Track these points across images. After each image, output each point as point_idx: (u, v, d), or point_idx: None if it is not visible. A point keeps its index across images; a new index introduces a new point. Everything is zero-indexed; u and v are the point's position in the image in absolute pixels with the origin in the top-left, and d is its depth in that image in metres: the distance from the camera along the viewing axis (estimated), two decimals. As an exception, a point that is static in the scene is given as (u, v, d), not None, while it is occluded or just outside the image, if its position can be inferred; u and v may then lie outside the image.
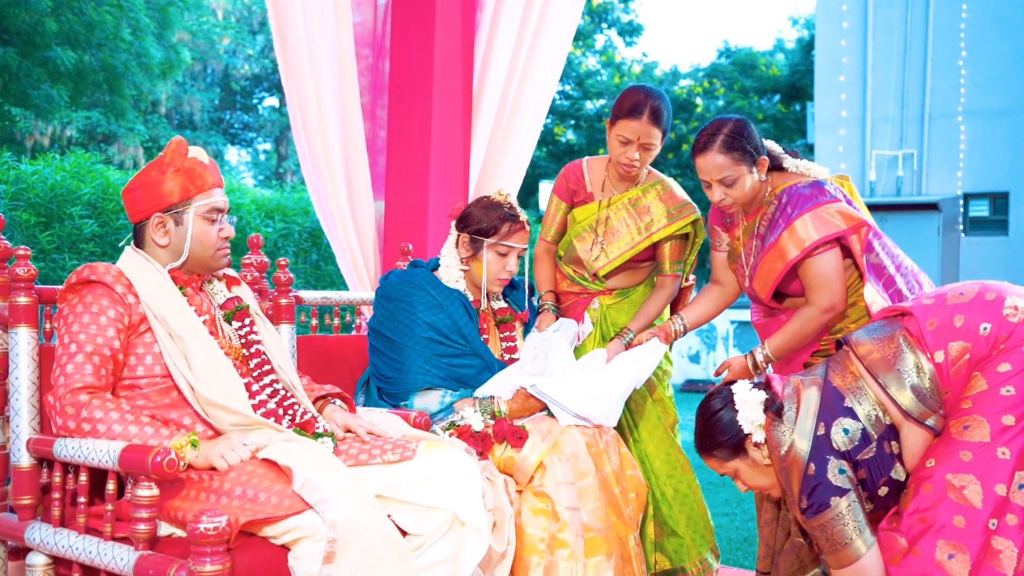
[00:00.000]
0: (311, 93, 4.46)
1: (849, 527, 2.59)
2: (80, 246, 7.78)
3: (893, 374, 2.66)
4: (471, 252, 3.56)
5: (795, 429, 2.68)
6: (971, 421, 2.58)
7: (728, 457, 2.84)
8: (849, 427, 2.65)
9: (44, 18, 12.45)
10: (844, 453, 2.64)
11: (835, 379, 2.74)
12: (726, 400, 2.82)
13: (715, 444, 2.83)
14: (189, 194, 2.79)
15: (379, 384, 3.50)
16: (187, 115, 24.33)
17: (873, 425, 2.66)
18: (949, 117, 17.10)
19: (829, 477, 2.60)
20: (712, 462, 2.88)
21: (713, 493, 6.25)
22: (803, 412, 2.69)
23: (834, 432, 2.65)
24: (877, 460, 2.66)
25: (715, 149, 3.17)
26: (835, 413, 2.67)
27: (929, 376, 2.64)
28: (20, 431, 2.74)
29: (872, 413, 2.67)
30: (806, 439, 2.65)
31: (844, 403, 2.68)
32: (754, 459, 2.81)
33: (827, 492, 2.60)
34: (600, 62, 27.30)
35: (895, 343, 2.69)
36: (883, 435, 2.66)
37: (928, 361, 2.64)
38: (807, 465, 2.63)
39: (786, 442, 2.68)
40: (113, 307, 2.67)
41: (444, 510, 2.65)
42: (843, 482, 2.61)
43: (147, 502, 2.38)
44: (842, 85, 17.79)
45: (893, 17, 17.25)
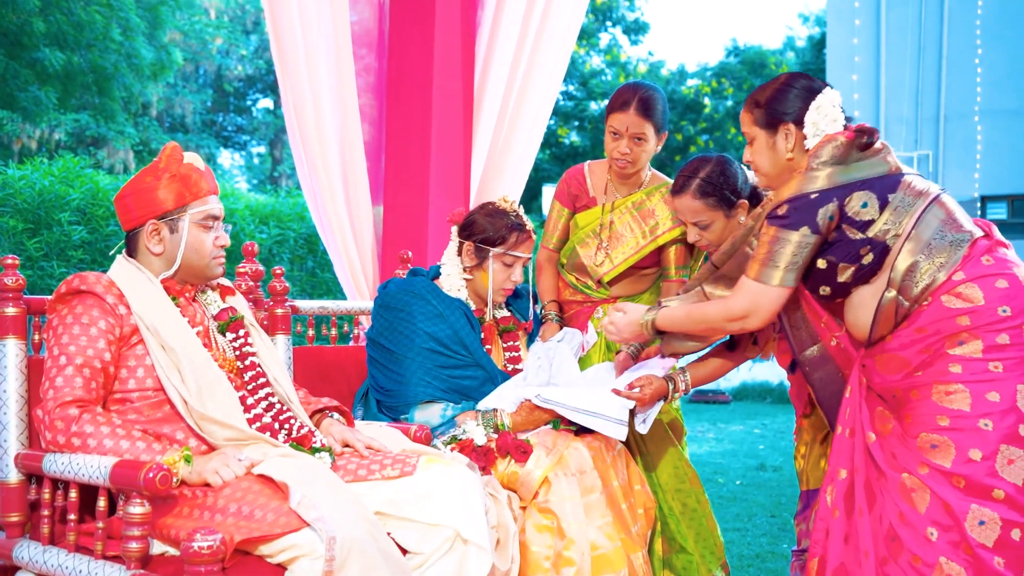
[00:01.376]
0: (308, 94, 4.41)
1: (788, 255, 2.64)
2: (69, 253, 7.73)
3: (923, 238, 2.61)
4: (476, 261, 3.50)
5: (839, 168, 2.66)
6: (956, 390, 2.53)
7: (760, 122, 2.83)
8: (870, 203, 2.63)
9: (32, 18, 12.40)
10: (843, 210, 2.63)
11: (905, 181, 2.68)
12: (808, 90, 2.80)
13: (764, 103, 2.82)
14: (184, 201, 2.75)
15: (378, 397, 3.45)
16: (179, 117, 24.29)
17: (880, 231, 2.63)
18: (965, 117, 17.05)
19: (819, 212, 2.61)
20: (746, 116, 2.87)
21: (723, 508, 6.19)
22: (862, 164, 2.67)
23: (857, 195, 2.63)
24: (849, 246, 2.65)
25: (689, 193, 3.25)
26: (875, 189, 2.64)
27: (932, 276, 2.59)
28: (8, 446, 2.71)
29: (889, 225, 2.63)
30: (838, 180, 2.64)
31: (890, 195, 2.64)
32: (776, 142, 2.80)
33: (808, 217, 2.62)
34: (605, 61, 27.29)
35: (957, 231, 2.63)
36: (872, 241, 2.63)
37: (947, 273, 2.58)
38: (814, 191, 2.63)
39: (821, 163, 2.67)
40: (104, 318, 2.63)
41: (446, 527, 2.62)
42: (822, 225, 2.61)
43: (139, 519, 2.34)
44: (855, 84, 17.73)
45: (907, 14, 17.19)
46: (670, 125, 4.46)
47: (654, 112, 3.61)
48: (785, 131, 2.77)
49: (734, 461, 8.07)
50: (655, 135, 3.64)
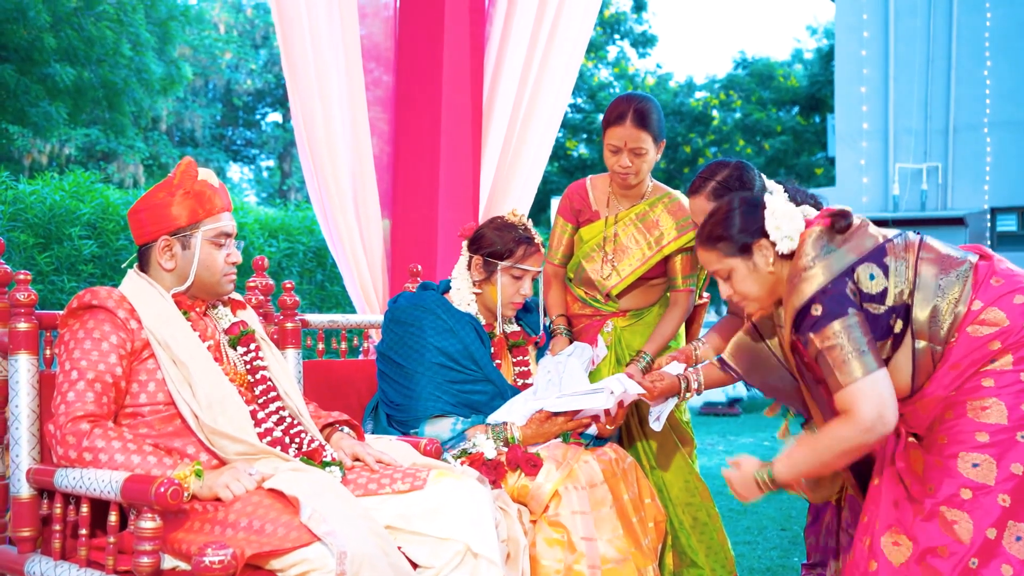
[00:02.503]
0: (318, 108, 4.41)
1: (857, 342, 2.50)
2: (79, 267, 7.74)
3: (930, 285, 2.59)
4: (484, 275, 3.50)
5: (832, 256, 2.60)
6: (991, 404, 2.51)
7: (731, 254, 2.74)
8: (876, 275, 2.58)
9: (43, 34, 12.44)
10: (858, 289, 2.57)
11: (889, 245, 2.65)
12: (750, 203, 2.75)
13: (724, 237, 2.74)
14: (197, 218, 2.76)
15: (388, 411, 3.44)
16: (188, 132, 24.36)
17: (896, 295, 2.58)
18: (975, 129, 16.99)
19: (846, 293, 2.53)
20: (711, 255, 2.78)
21: (734, 521, 6.16)
22: (849, 246, 2.62)
23: (862, 269, 2.58)
24: (878, 321, 2.58)
25: (704, 195, 3.24)
26: (872, 259, 2.60)
27: (954, 312, 2.56)
28: (20, 461, 2.70)
29: (900, 287, 2.59)
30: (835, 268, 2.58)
31: (884, 259, 2.60)
32: (756, 263, 2.72)
33: (845, 302, 2.52)
34: (613, 74, 27.27)
35: (956, 267, 2.61)
36: (896, 308, 2.58)
37: (966, 304, 2.56)
38: (825, 283, 2.56)
39: (813, 258, 2.60)
40: (115, 333, 2.63)
41: (456, 541, 2.61)
42: (856, 300, 2.54)
43: (150, 534, 2.34)
44: (863, 96, 17.69)
45: (915, 26, 17.15)
46: (678, 137, 4.45)
47: (650, 123, 3.59)
48: (758, 248, 2.71)
49: (744, 474, 8.04)
50: (654, 145, 3.63)
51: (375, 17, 4.86)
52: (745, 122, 25.89)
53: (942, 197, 17.20)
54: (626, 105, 3.59)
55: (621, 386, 3.25)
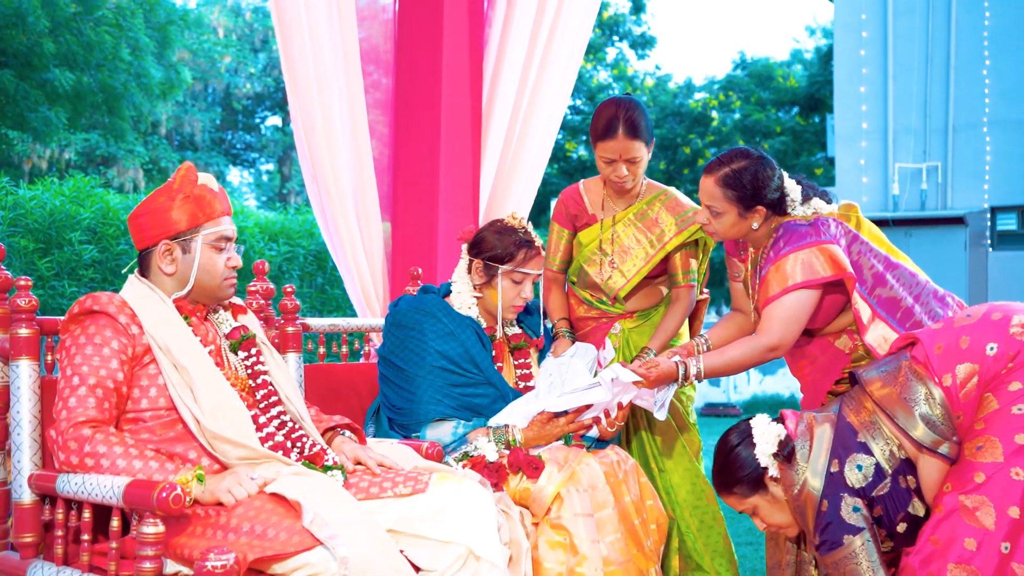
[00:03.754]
0: (317, 111, 4.41)
1: (863, 566, 2.57)
2: (80, 272, 7.75)
3: (902, 405, 2.64)
4: (485, 279, 3.50)
5: (808, 467, 2.67)
6: (984, 442, 2.56)
7: (747, 494, 2.82)
8: (863, 463, 2.64)
9: (42, 39, 12.45)
10: (858, 490, 2.63)
11: (849, 415, 2.73)
12: (744, 435, 2.81)
13: (734, 481, 2.82)
14: (197, 222, 2.76)
15: (390, 415, 3.44)
16: (188, 136, 24.37)
17: (888, 460, 2.64)
18: (974, 128, 16.97)
19: (842, 515, 2.59)
20: (731, 499, 2.86)
21: (736, 522, 6.14)
22: (816, 449, 2.68)
23: (847, 469, 2.64)
24: (893, 496, 2.64)
25: (714, 177, 3.17)
26: (849, 449, 2.66)
27: (939, 403, 2.61)
28: (22, 466, 2.70)
29: (887, 448, 2.65)
30: (819, 476, 2.65)
31: (858, 439, 2.66)
32: (774, 495, 2.79)
33: (840, 530, 2.59)
34: (612, 76, 27.27)
35: (902, 374, 2.67)
36: (898, 469, 2.64)
37: (937, 386, 2.62)
38: (820, 502, 2.63)
39: (799, 480, 2.67)
40: (116, 338, 2.63)
41: (458, 544, 2.61)
42: (857, 520, 2.59)
43: (152, 539, 2.33)
44: (863, 96, 17.67)
45: (914, 25, 17.14)
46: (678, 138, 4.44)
47: (641, 131, 3.55)
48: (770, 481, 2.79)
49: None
50: (646, 149, 3.61)
51: (374, 20, 4.86)
52: (744, 123, 25.88)
53: (942, 196, 17.18)
54: (615, 116, 3.53)
55: (613, 373, 3.23)
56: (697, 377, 3.26)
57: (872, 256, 3.15)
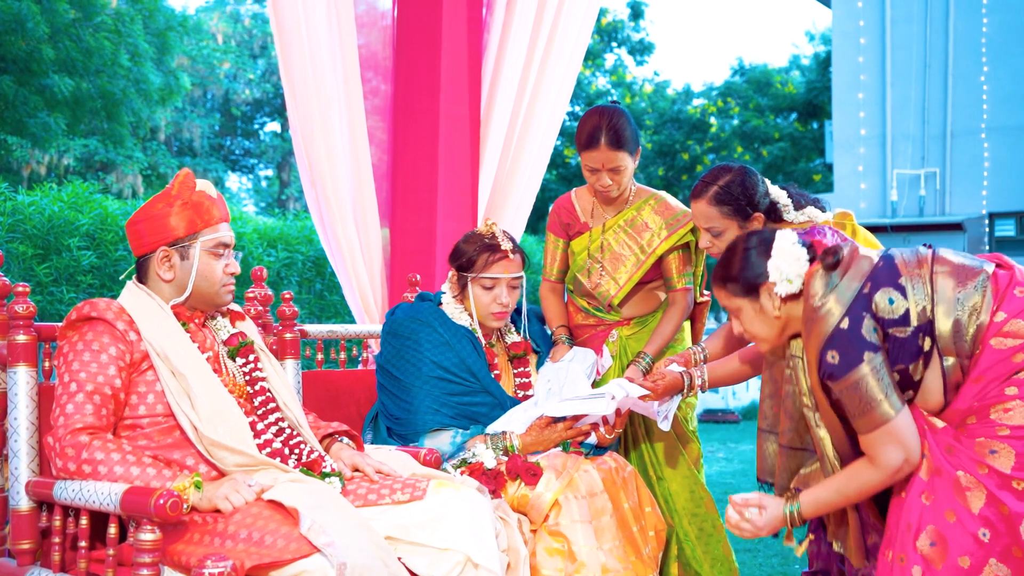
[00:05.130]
0: (316, 117, 4.42)
1: (880, 386, 2.48)
2: (78, 278, 7.74)
3: (948, 301, 2.55)
4: (458, 289, 3.50)
5: (837, 288, 2.57)
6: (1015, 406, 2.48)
7: (738, 293, 2.75)
8: (895, 299, 2.53)
9: (41, 45, 12.45)
10: (879, 318, 2.53)
11: (899, 260, 2.61)
12: (765, 241, 2.73)
13: (733, 277, 2.75)
14: (196, 228, 2.76)
15: (388, 424, 3.44)
16: (187, 141, 24.36)
17: (918, 314, 2.53)
18: (972, 134, 16.99)
19: (863, 332, 2.50)
20: (720, 293, 2.80)
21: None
22: (851, 274, 2.58)
23: (879, 295, 2.54)
24: (906, 344, 2.54)
25: (706, 199, 3.21)
26: (885, 282, 2.56)
27: (977, 324, 2.53)
28: (19, 473, 2.70)
29: (921, 304, 2.54)
30: (845, 299, 2.54)
31: (899, 280, 2.56)
32: (763, 306, 2.72)
33: (861, 346, 2.49)
34: (611, 82, 27.29)
35: (974, 277, 2.57)
36: (922, 327, 2.54)
37: (988, 313, 2.52)
38: (841, 319, 2.52)
39: (822, 296, 2.57)
40: (114, 344, 2.63)
41: (456, 552, 2.61)
42: (875, 340, 2.50)
43: (150, 546, 2.33)
44: (861, 103, 17.69)
45: (912, 32, 17.16)
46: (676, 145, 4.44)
47: (624, 140, 3.55)
48: (766, 291, 2.70)
49: (744, 481, 8.03)
50: (631, 159, 3.60)
51: (373, 27, 4.87)
52: (743, 129, 25.91)
53: (940, 203, 17.20)
54: (598, 126, 3.53)
55: (623, 391, 3.23)
56: (702, 388, 3.27)
57: None
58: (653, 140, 25.80)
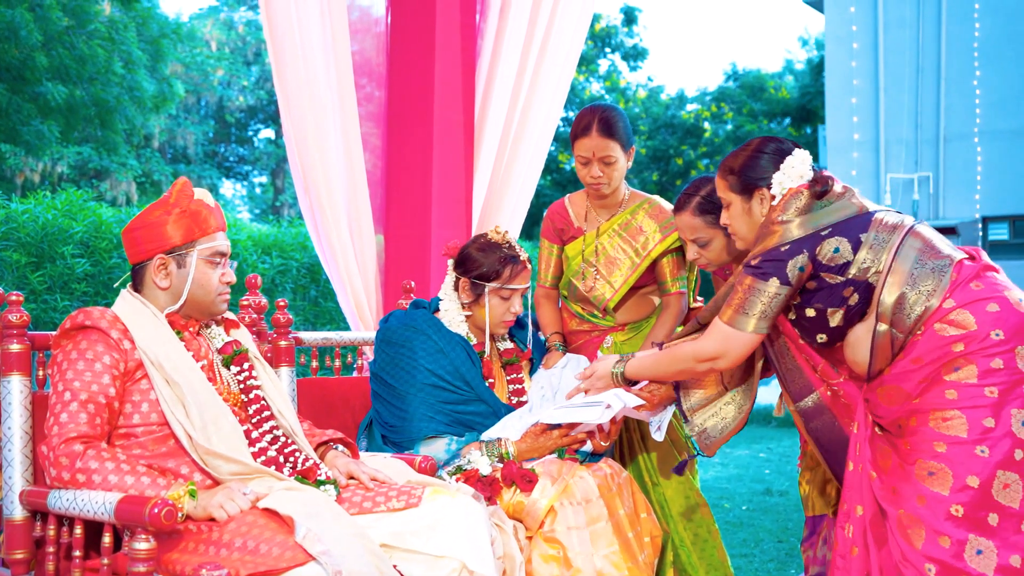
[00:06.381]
0: (310, 124, 4.41)
1: (758, 305, 2.69)
2: (72, 286, 7.74)
3: (908, 275, 2.62)
4: (473, 297, 3.49)
5: (807, 217, 2.70)
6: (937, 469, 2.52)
7: (734, 188, 2.87)
8: (841, 248, 2.66)
9: (34, 52, 12.44)
10: (816, 260, 2.66)
11: (877, 218, 2.71)
12: (781, 151, 2.82)
13: (736, 171, 2.85)
14: (193, 236, 2.76)
15: (383, 431, 3.44)
16: (181, 149, 24.36)
17: (859, 270, 2.65)
18: (965, 138, 17.03)
19: (788, 265, 2.65)
20: (720, 181, 2.92)
21: (730, 534, 6.14)
22: (828, 210, 2.71)
23: (827, 243, 2.66)
24: (832, 290, 2.68)
25: (689, 211, 3.28)
26: (844, 232, 2.68)
27: (925, 306, 2.59)
28: (13, 483, 2.69)
29: (868, 261, 2.65)
30: (806, 228, 2.68)
31: (861, 235, 2.67)
32: (751, 207, 2.84)
33: (776, 271, 2.66)
34: (604, 87, 27.35)
35: (937, 259, 2.63)
36: (854, 281, 2.66)
37: (938, 299, 2.58)
38: (784, 243, 2.67)
39: (788, 216, 2.71)
40: (108, 353, 2.63)
41: (452, 559, 2.61)
42: (792, 277, 2.66)
43: (144, 555, 2.32)
44: (854, 107, 17.72)
45: (904, 37, 17.21)
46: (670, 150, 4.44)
47: (616, 130, 3.59)
48: (760, 196, 2.82)
49: (740, 486, 8.04)
50: (623, 152, 3.63)
51: (366, 33, 4.87)
52: (737, 134, 25.96)
53: (934, 207, 17.24)
54: (591, 116, 3.59)
55: (620, 401, 3.23)
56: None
57: None
58: (647, 145, 25.84)
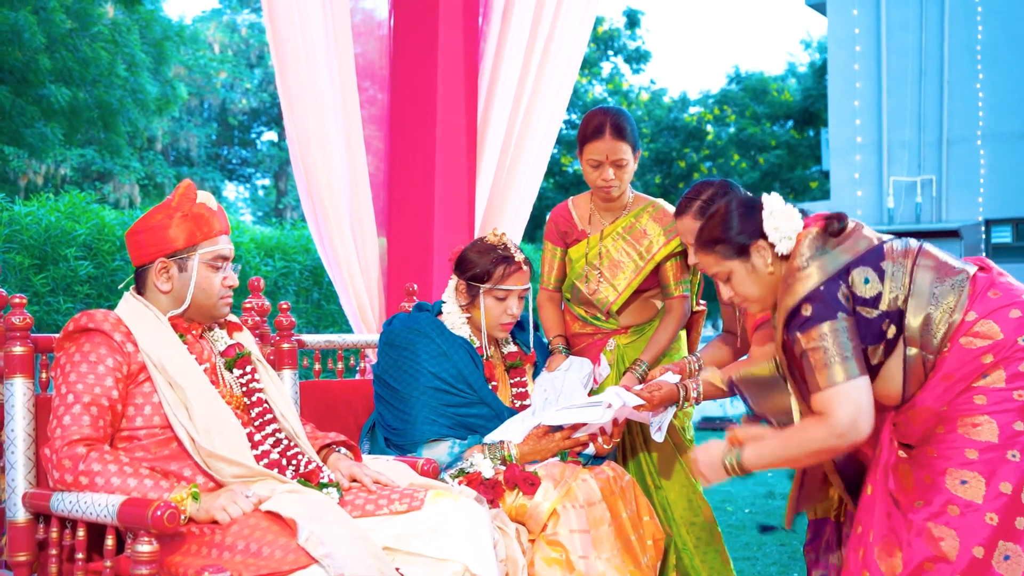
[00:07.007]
0: (313, 126, 4.41)
1: (841, 347, 2.49)
2: (75, 288, 7.74)
3: (924, 296, 2.57)
4: (469, 299, 3.49)
5: (826, 257, 2.59)
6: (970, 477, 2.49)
7: (729, 256, 2.72)
8: (871, 279, 2.57)
9: (38, 55, 12.46)
10: (852, 293, 2.56)
11: (888, 248, 2.64)
12: (749, 203, 2.74)
13: (722, 239, 2.72)
14: (195, 240, 2.75)
15: (386, 434, 3.44)
16: (184, 151, 24.39)
17: (890, 301, 2.57)
18: (968, 141, 17.02)
19: (837, 296, 2.52)
20: (708, 259, 2.77)
21: (733, 537, 6.13)
22: (844, 247, 2.61)
23: (857, 272, 2.57)
24: (870, 326, 2.56)
25: (690, 215, 3.27)
26: (868, 263, 2.59)
27: (948, 322, 2.55)
28: (16, 485, 2.69)
29: (895, 292, 2.57)
30: (829, 269, 2.57)
31: (881, 264, 2.59)
32: (755, 264, 2.70)
33: (836, 306, 2.51)
34: (607, 90, 27.39)
35: (953, 275, 2.60)
36: (888, 313, 2.57)
37: (960, 312, 2.54)
38: (819, 283, 2.55)
39: (808, 259, 2.59)
40: (111, 356, 2.63)
41: (454, 562, 2.60)
42: (847, 306, 2.53)
43: (147, 558, 2.32)
44: (857, 110, 17.71)
45: (907, 40, 17.20)
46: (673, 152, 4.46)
47: (628, 133, 3.60)
48: (756, 250, 2.70)
49: (743, 489, 8.03)
50: (632, 155, 3.64)
51: (369, 36, 4.88)
52: (739, 136, 25.98)
53: (936, 209, 17.22)
54: (602, 119, 3.60)
55: (620, 399, 3.23)
56: (697, 400, 3.28)
57: None
58: (650, 148, 25.85)
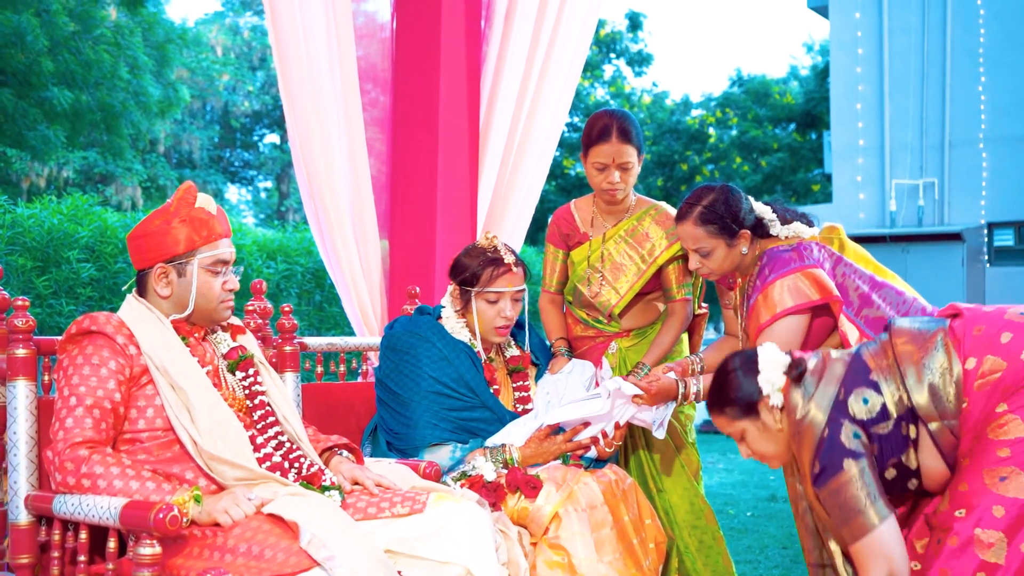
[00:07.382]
0: (315, 129, 4.41)
1: (862, 494, 2.48)
2: (78, 291, 7.74)
3: (917, 368, 2.58)
4: (462, 304, 3.50)
5: (815, 396, 2.60)
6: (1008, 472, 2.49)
7: (738, 416, 2.73)
8: (869, 398, 2.57)
9: (40, 58, 12.46)
10: (859, 421, 2.55)
11: (867, 357, 2.65)
12: (749, 359, 2.74)
13: (728, 400, 2.74)
14: (194, 245, 2.75)
15: (388, 438, 3.43)
16: (186, 153, 24.41)
17: (896, 404, 2.57)
18: (970, 144, 16.99)
19: (842, 439, 2.52)
20: (720, 420, 2.79)
21: (735, 540, 6.12)
22: (826, 379, 2.61)
23: (852, 399, 2.57)
24: (891, 438, 2.57)
25: (691, 220, 3.25)
26: (858, 383, 2.59)
27: (955, 381, 2.55)
28: (18, 487, 2.69)
29: (897, 394, 2.58)
30: (824, 405, 2.58)
31: (870, 376, 2.60)
32: (765, 422, 2.71)
33: (840, 454, 2.51)
34: (609, 93, 27.38)
35: (932, 340, 2.61)
36: (903, 416, 2.57)
37: (959, 364, 2.56)
38: (823, 430, 2.55)
39: (803, 406, 2.60)
40: (114, 358, 2.63)
41: (456, 565, 2.60)
42: (856, 446, 2.52)
43: (149, 560, 2.33)
44: (859, 113, 17.69)
45: (909, 43, 17.17)
46: (675, 155, 4.46)
47: (633, 136, 3.61)
48: (764, 407, 2.70)
49: (745, 492, 8.02)
50: (637, 158, 3.65)
51: (372, 38, 4.88)
52: (741, 139, 25.97)
53: (939, 213, 17.19)
54: (608, 121, 3.60)
55: (615, 384, 3.24)
56: (696, 397, 3.28)
57: (857, 277, 3.18)
58: (652, 151, 25.85)
